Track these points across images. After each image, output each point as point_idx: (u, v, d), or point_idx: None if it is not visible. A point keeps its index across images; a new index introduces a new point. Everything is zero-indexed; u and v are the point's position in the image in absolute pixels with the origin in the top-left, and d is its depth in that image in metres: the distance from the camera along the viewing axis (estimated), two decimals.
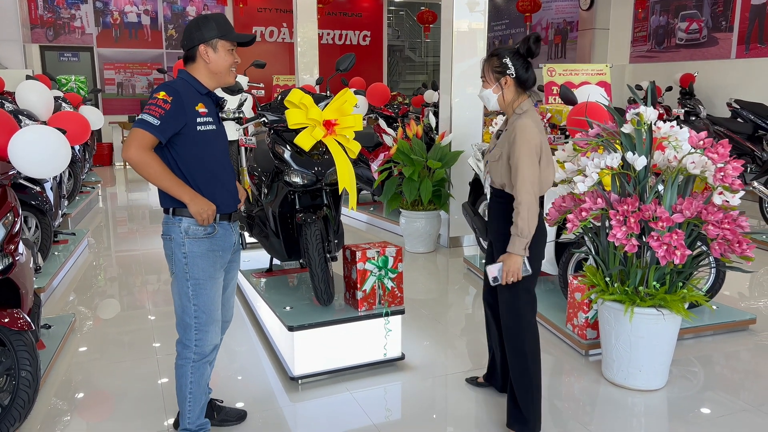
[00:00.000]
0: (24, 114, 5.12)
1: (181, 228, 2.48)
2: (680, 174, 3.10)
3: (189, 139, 2.43)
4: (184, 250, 2.49)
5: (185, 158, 2.45)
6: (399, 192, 6.04)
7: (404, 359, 3.64)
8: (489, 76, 2.75)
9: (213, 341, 2.64)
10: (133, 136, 2.33)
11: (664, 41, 11.42)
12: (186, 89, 2.45)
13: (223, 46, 2.49)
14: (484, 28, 6.09)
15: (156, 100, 2.35)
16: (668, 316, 3.14)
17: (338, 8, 15.47)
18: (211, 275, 2.55)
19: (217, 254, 2.56)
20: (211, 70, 2.50)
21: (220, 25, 2.49)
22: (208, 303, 2.56)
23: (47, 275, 4.84)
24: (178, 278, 2.53)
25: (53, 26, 13.27)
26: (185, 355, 2.61)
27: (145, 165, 2.34)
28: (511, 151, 2.64)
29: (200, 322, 2.56)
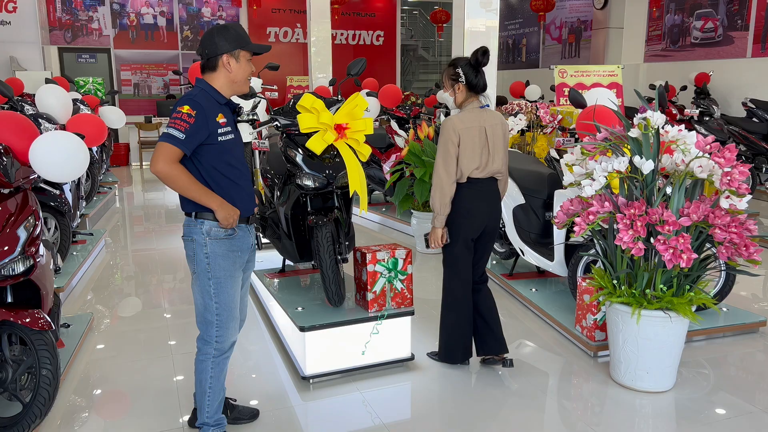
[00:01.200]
0: (44, 117, 5.24)
1: (203, 230, 2.59)
2: (688, 177, 3.12)
3: (211, 150, 2.54)
4: (206, 251, 2.60)
5: (207, 167, 2.56)
6: (410, 193, 6.09)
7: (414, 359, 3.69)
8: (446, 82, 3.37)
9: (232, 337, 2.75)
10: (160, 151, 2.44)
11: (679, 40, 11.34)
12: (207, 101, 2.53)
13: (244, 56, 2.59)
14: (496, 28, 6.11)
15: (181, 114, 2.44)
16: (675, 318, 3.16)
17: (352, 8, 15.53)
18: (231, 274, 2.66)
19: (236, 254, 2.67)
20: (231, 79, 2.59)
21: (240, 36, 2.58)
22: (229, 301, 2.67)
23: (66, 275, 4.95)
24: (200, 277, 2.63)
25: (71, 28, 13.47)
26: (206, 351, 2.71)
27: (174, 178, 2.45)
28: None
29: (221, 319, 2.67)
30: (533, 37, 15.46)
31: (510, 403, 3.32)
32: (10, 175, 3.05)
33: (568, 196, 4.12)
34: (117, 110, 7.92)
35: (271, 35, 15.01)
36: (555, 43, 14.81)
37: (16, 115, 3.48)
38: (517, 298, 4.80)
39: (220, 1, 14.43)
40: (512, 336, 4.16)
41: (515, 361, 3.81)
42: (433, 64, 19.34)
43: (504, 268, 5.30)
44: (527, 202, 4.78)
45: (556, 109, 5.71)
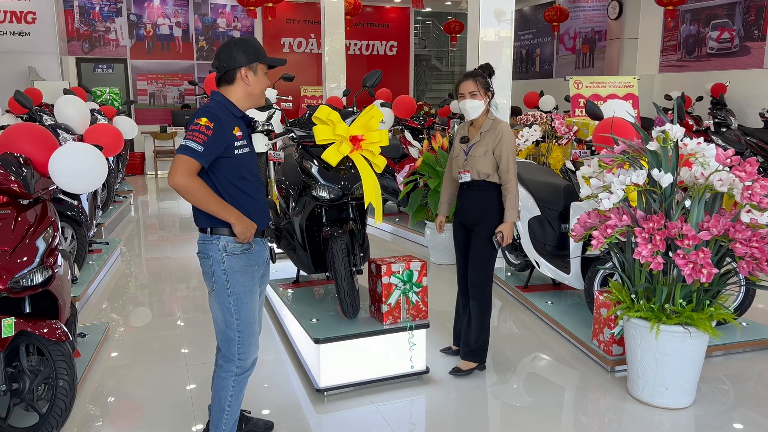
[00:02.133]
0: (62, 128, 5.31)
1: (219, 246, 2.56)
2: (707, 191, 3.09)
3: (227, 163, 2.51)
4: (224, 267, 2.57)
5: (222, 180, 2.53)
6: (424, 204, 6.08)
7: (429, 372, 3.67)
8: (481, 91, 3.53)
9: (254, 354, 2.71)
10: (179, 163, 2.41)
11: (695, 50, 11.27)
12: (224, 114, 2.52)
13: (261, 69, 2.59)
14: (510, 38, 6.11)
15: (199, 126, 2.42)
16: (695, 334, 3.12)
17: (365, 19, 15.61)
18: (250, 289, 2.64)
19: (253, 269, 2.65)
20: (249, 92, 2.58)
21: (257, 49, 2.57)
22: (249, 316, 2.64)
23: (82, 284, 4.99)
24: (219, 294, 2.60)
25: (89, 39, 13.65)
26: (228, 368, 2.67)
27: (192, 191, 2.42)
28: (501, 148, 3.47)
29: (243, 335, 2.63)
30: (547, 47, 15.45)
31: (526, 417, 3.28)
32: (30, 186, 3.09)
33: (585, 208, 4.09)
34: (130, 121, 8.00)
35: (285, 45, 15.12)
36: (569, 54, 14.79)
37: (35, 127, 3.52)
38: (532, 310, 4.76)
39: (235, 12, 14.56)
40: (527, 349, 4.13)
41: (531, 375, 3.78)
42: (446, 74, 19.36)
43: (519, 281, 5.27)
44: (543, 213, 4.75)
45: (572, 121, 5.69)
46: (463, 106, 3.56)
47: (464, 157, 3.58)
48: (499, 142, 3.48)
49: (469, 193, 3.60)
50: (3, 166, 3.03)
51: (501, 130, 3.51)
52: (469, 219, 3.61)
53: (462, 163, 3.59)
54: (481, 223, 3.56)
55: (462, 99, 3.56)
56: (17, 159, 3.17)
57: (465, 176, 3.56)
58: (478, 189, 3.56)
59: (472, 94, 3.51)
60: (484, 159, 3.49)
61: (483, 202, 3.56)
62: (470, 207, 3.59)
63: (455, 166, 3.66)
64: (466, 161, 3.56)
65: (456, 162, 3.65)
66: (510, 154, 3.48)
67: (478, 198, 3.57)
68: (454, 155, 3.69)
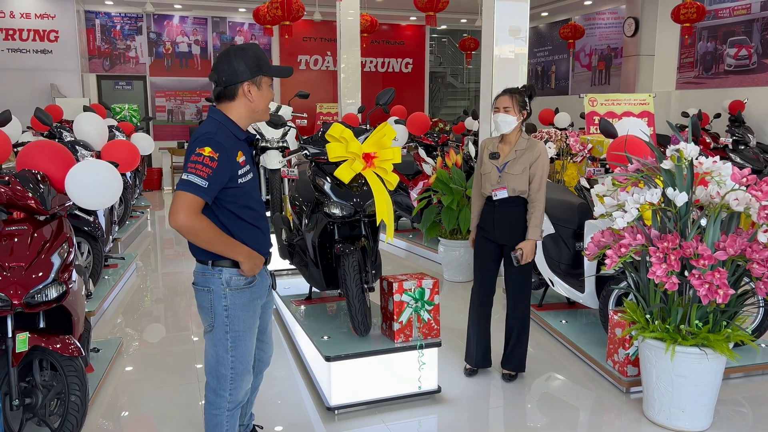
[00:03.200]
0: (80, 144, 5.39)
1: (222, 279, 2.36)
2: (723, 210, 3.05)
3: (231, 193, 2.30)
4: (226, 303, 2.37)
5: (226, 212, 2.33)
6: (438, 220, 6.07)
7: (440, 392, 3.63)
8: (515, 108, 3.58)
9: (245, 388, 2.54)
10: (181, 201, 2.16)
11: (712, 67, 11.19)
12: (227, 139, 2.28)
13: (266, 82, 2.34)
14: (525, 55, 6.11)
15: (202, 158, 2.17)
16: (712, 355, 3.06)
17: (381, 36, 15.73)
18: (250, 326, 2.46)
19: (256, 303, 2.49)
20: (251, 109, 2.35)
21: (260, 59, 2.30)
22: (246, 354, 2.46)
23: (97, 299, 5.03)
24: (216, 330, 2.41)
25: (110, 56, 13.91)
26: (219, 404, 2.47)
27: (197, 232, 2.21)
28: (537, 167, 3.56)
29: (236, 373, 2.45)
30: (562, 64, 15.44)
31: None
32: (47, 202, 3.13)
33: (599, 226, 4.05)
34: (147, 137, 8.12)
35: (301, 63, 15.28)
36: (584, 71, 14.76)
37: (53, 144, 3.58)
38: (546, 329, 4.71)
39: (252, 30, 14.77)
40: (541, 368, 4.08)
41: (545, 395, 3.73)
42: (461, 91, 19.41)
43: (533, 299, 5.20)
44: (557, 231, 4.71)
45: (587, 138, 5.66)
46: (495, 119, 3.63)
47: (498, 174, 3.61)
48: (536, 161, 3.56)
49: (502, 210, 3.63)
50: (21, 182, 3.08)
51: (540, 149, 3.59)
52: (503, 236, 3.65)
53: (496, 179, 3.61)
54: (516, 241, 3.62)
55: (496, 112, 3.62)
56: (35, 176, 3.23)
57: (500, 193, 3.59)
58: (511, 205, 3.61)
59: (505, 108, 3.57)
60: (522, 177, 3.56)
61: (517, 219, 3.62)
62: (503, 224, 3.64)
63: (487, 183, 3.66)
64: (500, 178, 3.59)
65: (488, 178, 3.66)
66: (545, 174, 3.58)
67: (511, 214, 3.62)
68: (484, 171, 3.69)
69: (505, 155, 3.63)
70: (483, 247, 3.75)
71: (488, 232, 3.71)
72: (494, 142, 3.74)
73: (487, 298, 3.80)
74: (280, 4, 9.83)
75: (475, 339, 3.87)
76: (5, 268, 2.84)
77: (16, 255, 2.89)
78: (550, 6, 14.21)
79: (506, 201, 3.59)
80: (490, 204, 3.68)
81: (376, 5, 14.01)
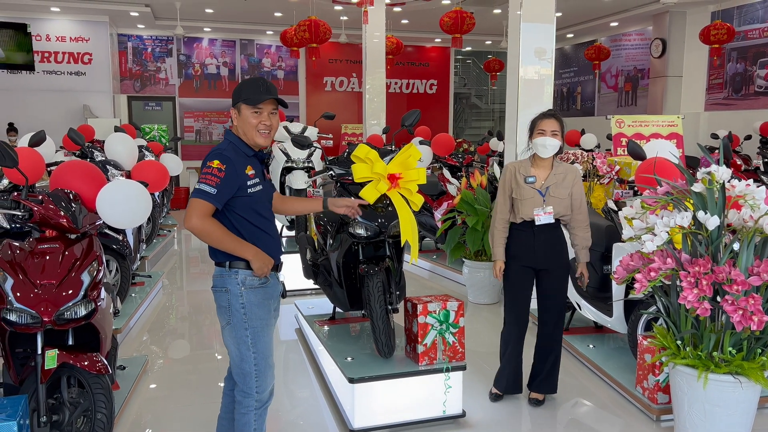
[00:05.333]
0: (111, 164, 5.50)
1: (238, 280, 2.61)
2: (757, 234, 2.98)
3: (241, 201, 2.58)
4: (242, 301, 2.61)
5: (238, 217, 2.60)
6: (462, 241, 6.03)
7: (465, 416, 3.58)
8: (561, 133, 3.53)
9: (270, 385, 2.72)
10: (193, 206, 2.49)
11: (742, 88, 11.04)
12: (235, 154, 2.59)
13: (246, 108, 2.60)
14: (551, 76, 6.10)
15: (211, 169, 2.50)
16: (746, 384, 2.96)
17: (406, 58, 15.87)
18: (266, 322, 2.68)
19: (269, 302, 2.70)
20: (242, 131, 2.63)
21: (242, 89, 2.62)
22: (265, 349, 2.67)
23: (124, 317, 5.09)
24: (235, 328, 2.63)
25: (140, 78, 14.25)
26: (247, 404, 2.67)
27: (207, 232, 2.50)
28: (576, 188, 3.59)
29: (259, 368, 2.65)
30: (588, 85, 15.38)
31: None
32: (78, 221, 3.19)
33: (628, 250, 3.98)
34: (175, 158, 8.26)
35: (327, 84, 15.47)
36: (611, 92, 14.68)
37: (85, 164, 3.66)
38: (573, 353, 4.63)
39: (280, 53, 15.01)
40: (568, 394, 4.00)
41: (572, 422, 3.65)
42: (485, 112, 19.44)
43: None
44: None
45: (614, 160, 5.60)
46: (542, 143, 3.51)
47: (542, 198, 3.53)
48: (575, 182, 3.58)
49: (543, 235, 3.58)
50: (54, 201, 3.15)
51: (577, 172, 3.61)
52: (545, 261, 3.61)
53: (540, 204, 3.53)
54: (557, 264, 3.62)
55: (541, 136, 3.52)
56: (67, 195, 3.30)
57: (546, 218, 3.52)
58: (552, 229, 3.59)
59: (553, 133, 3.51)
60: (567, 200, 3.56)
61: (559, 242, 3.62)
62: (545, 248, 3.59)
63: (527, 208, 3.54)
64: (545, 202, 3.53)
65: (529, 203, 3.54)
66: (584, 196, 3.61)
67: (554, 237, 3.61)
68: (523, 197, 3.56)
69: (542, 179, 3.56)
70: (521, 276, 3.64)
71: (526, 258, 3.60)
72: (525, 165, 3.64)
73: (523, 329, 3.73)
74: (307, 26, 9.99)
75: (509, 367, 3.79)
76: (37, 285, 2.89)
77: (48, 272, 2.95)
78: (576, 27, 14.20)
79: (547, 225, 3.55)
80: (526, 230, 3.58)
81: (402, 27, 14.16)
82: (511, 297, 3.71)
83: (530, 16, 5.95)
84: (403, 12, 12.54)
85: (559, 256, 3.61)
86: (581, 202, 3.58)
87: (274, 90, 2.67)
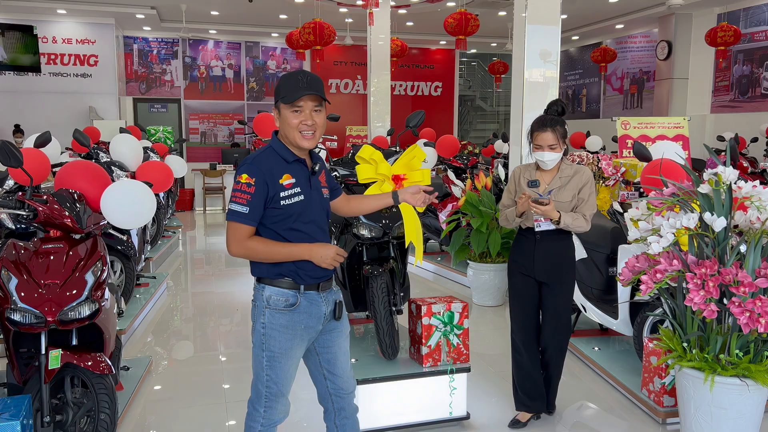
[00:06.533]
0: (116, 165, 5.52)
1: (263, 296, 2.40)
2: (764, 236, 2.95)
3: (275, 214, 2.34)
4: (263, 320, 2.40)
5: (271, 233, 2.37)
6: (467, 243, 6.02)
7: (469, 419, 3.56)
8: (560, 142, 3.27)
9: (281, 413, 2.50)
10: (229, 233, 2.33)
11: (748, 91, 11.00)
12: (271, 161, 2.35)
13: (285, 108, 2.35)
14: (555, 78, 6.08)
15: (240, 185, 2.29)
16: (753, 387, 2.94)
17: (411, 60, 15.87)
18: (287, 350, 2.41)
19: (298, 327, 2.41)
20: (283, 134, 2.39)
21: (283, 86, 2.36)
22: (282, 376, 2.44)
23: (128, 317, 5.09)
24: (255, 345, 2.45)
25: (146, 80, 14.30)
26: (255, 417, 2.48)
27: (251, 255, 2.33)
28: (585, 192, 3.32)
29: (270, 393, 2.44)
30: (594, 88, 15.35)
31: None
32: (82, 221, 3.19)
33: (633, 251, 3.97)
34: (180, 159, 8.27)
35: (332, 87, 15.48)
36: (616, 94, 14.65)
37: (90, 164, 3.67)
38: (578, 356, 4.60)
39: (285, 55, 15.04)
40: (573, 397, 3.97)
41: (576, 425, 3.63)
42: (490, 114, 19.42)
43: None
44: (589, 256, 4.63)
45: (619, 162, 5.58)
46: (540, 158, 3.29)
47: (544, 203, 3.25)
48: (584, 185, 3.31)
49: (545, 243, 3.32)
50: (58, 201, 3.15)
51: (589, 175, 3.34)
52: (544, 272, 3.35)
53: None
54: (560, 277, 3.35)
55: (538, 150, 3.28)
56: (71, 195, 3.30)
57: (545, 224, 3.28)
58: (555, 238, 3.32)
59: (551, 147, 3.25)
60: (570, 205, 3.30)
61: (561, 253, 3.34)
62: (546, 258, 3.33)
63: (527, 213, 3.32)
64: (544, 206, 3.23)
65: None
66: (594, 198, 3.35)
67: (555, 247, 3.33)
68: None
69: (547, 182, 3.34)
70: (522, 282, 3.42)
71: (526, 267, 3.39)
72: (530, 169, 3.44)
73: (530, 337, 3.48)
74: (312, 29, 10.01)
75: (527, 382, 3.52)
76: (41, 285, 2.89)
77: (52, 272, 2.95)
78: (582, 30, 14.18)
79: (549, 233, 3.30)
80: (528, 236, 3.36)
81: (407, 29, 14.17)
82: (513, 304, 3.53)
83: (535, 19, 5.94)
84: (408, 14, 12.55)
85: (559, 270, 3.34)
86: (591, 205, 3.29)
87: (317, 84, 2.34)
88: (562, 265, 3.35)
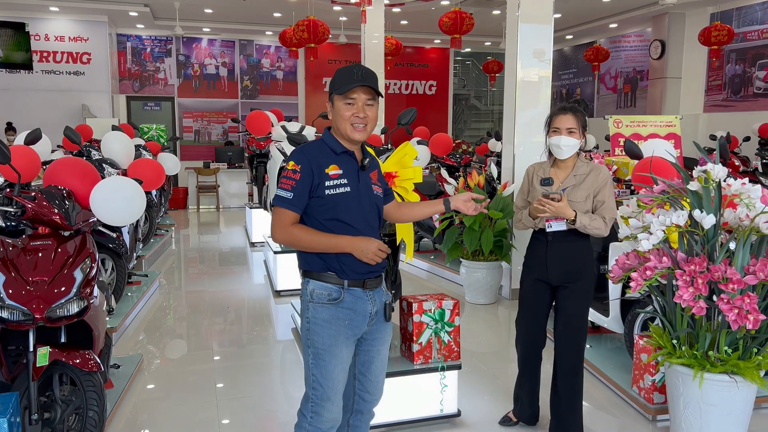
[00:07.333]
0: (107, 162, 5.49)
1: (308, 290, 2.38)
2: (753, 233, 2.96)
3: (318, 203, 2.32)
4: (308, 315, 2.38)
5: (315, 222, 2.35)
6: (460, 241, 6.02)
7: (460, 416, 3.56)
8: (580, 129, 3.12)
9: (328, 420, 2.38)
10: (274, 218, 2.34)
11: (741, 90, 11.04)
12: (319, 151, 2.36)
13: (338, 100, 2.37)
14: (549, 77, 6.09)
15: (287, 172, 2.32)
16: (742, 383, 2.95)
17: (405, 59, 15.86)
18: (330, 346, 2.34)
19: (342, 323, 2.35)
20: (334, 127, 2.41)
21: (337, 78, 2.39)
22: (327, 377, 2.35)
23: (120, 315, 5.07)
24: (303, 343, 2.43)
25: (139, 78, 14.24)
26: (301, 425, 2.41)
27: (294, 241, 2.32)
28: (604, 193, 3.14)
29: (317, 396, 2.35)
30: (587, 87, 15.38)
31: None
32: (71, 218, 3.17)
33: (624, 249, 3.98)
34: (173, 157, 8.24)
35: (326, 85, 15.45)
36: (610, 93, 14.68)
37: (79, 161, 3.65)
38: None
39: (279, 53, 15.01)
40: None
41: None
42: (484, 113, 19.43)
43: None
44: None
45: (611, 160, 5.59)
46: (556, 143, 3.11)
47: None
48: (602, 187, 3.12)
49: (557, 245, 3.14)
50: (47, 198, 3.13)
51: (604, 172, 3.15)
52: (559, 276, 3.17)
53: None
54: (577, 281, 3.16)
55: (556, 134, 3.11)
56: (60, 192, 3.28)
57: (557, 224, 3.08)
58: (569, 240, 3.12)
59: (570, 131, 3.08)
60: (584, 205, 3.11)
61: (578, 256, 3.15)
62: (561, 261, 3.15)
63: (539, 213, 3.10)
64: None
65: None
66: (614, 201, 3.14)
67: (571, 250, 3.15)
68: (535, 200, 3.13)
69: (561, 180, 3.16)
70: (534, 290, 3.26)
71: (538, 271, 3.21)
72: (544, 167, 3.27)
73: (534, 347, 3.36)
74: (305, 27, 9.98)
75: (522, 392, 3.47)
76: (29, 282, 2.88)
77: (40, 269, 2.93)
78: (575, 29, 14.20)
79: (562, 234, 3.10)
80: (540, 238, 3.19)
81: (401, 28, 14.16)
82: (521, 309, 3.37)
83: (528, 17, 5.95)
84: (403, 12, 12.54)
85: (575, 273, 3.15)
86: (610, 207, 3.13)
87: (371, 77, 2.35)
88: (579, 269, 3.16)
